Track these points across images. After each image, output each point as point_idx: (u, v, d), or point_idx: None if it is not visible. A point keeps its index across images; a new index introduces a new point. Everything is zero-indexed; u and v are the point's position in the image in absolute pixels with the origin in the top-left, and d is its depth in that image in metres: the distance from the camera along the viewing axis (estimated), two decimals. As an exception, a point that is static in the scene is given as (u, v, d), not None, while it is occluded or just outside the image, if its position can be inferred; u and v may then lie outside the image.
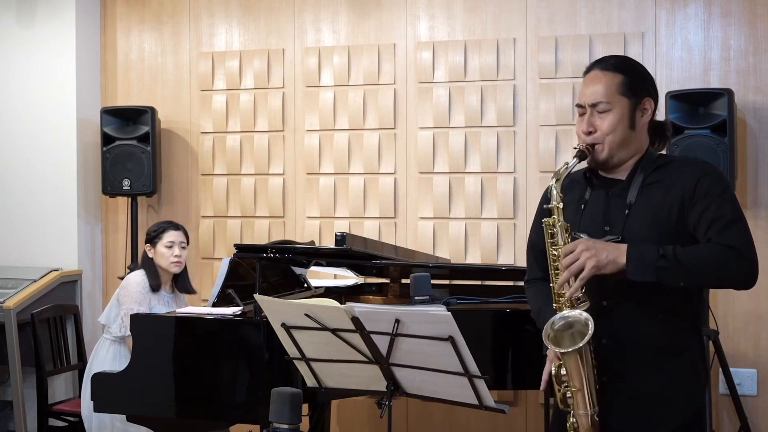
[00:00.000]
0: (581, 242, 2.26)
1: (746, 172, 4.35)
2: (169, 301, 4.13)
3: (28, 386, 4.78)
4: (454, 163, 4.75)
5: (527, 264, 2.65)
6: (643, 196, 2.35)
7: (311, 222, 5.00)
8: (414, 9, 4.87)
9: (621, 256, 2.22)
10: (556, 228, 2.34)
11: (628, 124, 2.35)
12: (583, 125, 2.37)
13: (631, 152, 2.39)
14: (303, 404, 2.37)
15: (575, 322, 2.26)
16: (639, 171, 2.38)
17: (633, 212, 2.33)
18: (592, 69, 2.41)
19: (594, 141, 2.36)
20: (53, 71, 5.21)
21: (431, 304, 3.27)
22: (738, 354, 4.37)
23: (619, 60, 2.44)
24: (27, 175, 5.25)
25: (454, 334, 2.26)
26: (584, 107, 2.38)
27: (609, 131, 2.34)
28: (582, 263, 2.22)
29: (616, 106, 2.34)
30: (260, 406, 3.24)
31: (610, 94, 2.35)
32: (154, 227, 4.17)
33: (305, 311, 2.40)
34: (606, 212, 2.37)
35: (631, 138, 2.37)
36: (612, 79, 2.36)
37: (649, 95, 2.40)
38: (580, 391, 2.28)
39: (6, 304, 4.70)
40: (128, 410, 3.50)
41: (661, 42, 4.51)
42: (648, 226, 2.31)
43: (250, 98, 5.11)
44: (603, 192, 2.40)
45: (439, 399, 2.46)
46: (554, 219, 2.34)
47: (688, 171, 2.34)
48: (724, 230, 2.24)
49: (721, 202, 2.28)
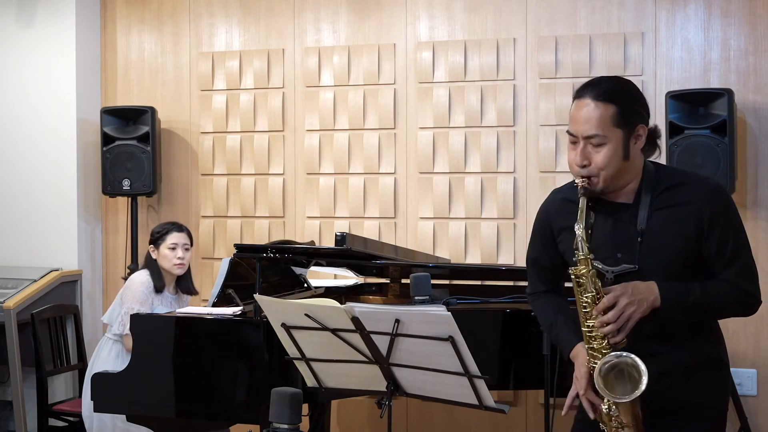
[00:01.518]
0: (621, 294, 2.26)
1: (746, 172, 4.35)
2: (172, 302, 4.13)
3: (28, 386, 4.78)
4: (454, 163, 4.75)
5: (529, 278, 2.65)
6: (654, 221, 2.33)
7: (311, 222, 5.00)
8: (414, 9, 4.87)
9: (657, 300, 2.27)
10: (584, 278, 2.31)
11: (622, 156, 2.32)
12: (578, 158, 2.34)
13: (628, 179, 2.37)
14: (303, 404, 2.38)
15: (620, 363, 2.26)
16: (644, 193, 2.36)
17: (646, 240, 2.32)
18: (584, 95, 2.34)
19: (589, 174, 2.32)
20: (53, 71, 5.21)
21: (431, 304, 3.27)
22: (738, 354, 4.37)
23: (612, 86, 2.36)
24: (27, 175, 5.25)
25: (454, 334, 2.27)
26: (577, 137, 2.34)
27: (604, 165, 2.31)
28: (627, 316, 2.26)
29: (610, 139, 2.30)
30: (260, 406, 3.24)
31: (604, 126, 2.29)
32: (158, 228, 4.16)
33: (305, 311, 2.40)
34: (616, 238, 2.35)
35: (626, 167, 2.34)
36: (605, 110, 2.29)
37: (642, 120, 2.35)
38: (630, 427, 2.29)
39: (6, 304, 4.70)
40: (128, 410, 3.50)
41: (661, 42, 4.51)
42: (663, 255, 2.31)
43: (250, 98, 5.11)
44: (610, 218, 2.38)
45: (439, 399, 2.46)
46: (585, 270, 2.30)
47: (701, 197, 2.32)
48: (742, 274, 2.33)
49: (736, 240, 2.33)
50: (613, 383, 2.26)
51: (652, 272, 2.30)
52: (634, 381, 2.22)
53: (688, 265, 2.32)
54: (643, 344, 2.29)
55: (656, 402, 2.31)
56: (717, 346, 2.41)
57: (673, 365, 2.32)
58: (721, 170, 4.06)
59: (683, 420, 2.34)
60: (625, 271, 2.32)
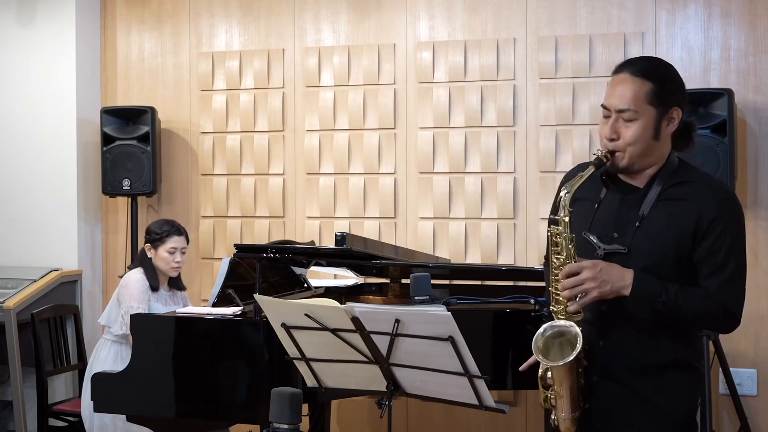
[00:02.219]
0: (587, 267, 2.26)
1: (746, 172, 4.35)
2: (168, 299, 4.14)
3: (28, 386, 4.78)
4: (454, 163, 4.75)
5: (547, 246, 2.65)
6: (656, 210, 2.33)
7: (311, 222, 5.00)
8: (414, 9, 4.87)
9: (625, 288, 2.26)
10: (560, 238, 2.33)
11: (652, 135, 2.30)
12: (607, 130, 2.32)
13: (652, 161, 2.35)
14: (303, 404, 2.37)
15: (566, 332, 2.29)
16: (657, 182, 2.35)
17: (643, 226, 2.33)
18: (622, 70, 2.33)
19: (615, 148, 2.31)
20: (53, 71, 5.21)
21: (431, 304, 3.27)
22: (738, 354, 4.37)
23: (651, 65, 2.36)
24: (27, 175, 5.25)
25: (454, 334, 2.26)
26: (609, 110, 2.32)
27: (632, 141, 2.29)
28: (585, 289, 2.26)
29: (642, 115, 2.28)
30: (260, 406, 3.24)
31: (637, 102, 2.28)
32: (157, 228, 4.14)
33: (305, 311, 2.40)
34: (617, 218, 2.36)
35: (654, 147, 2.33)
36: (641, 86, 2.28)
37: (678, 104, 2.32)
38: (563, 398, 2.32)
39: (6, 304, 4.70)
40: (128, 410, 3.50)
41: (661, 42, 4.51)
42: (656, 243, 2.31)
43: (250, 98, 5.11)
44: (618, 196, 2.38)
45: (439, 399, 2.46)
46: (561, 230, 2.32)
47: (707, 198, 2.31)
48: (723, 287, 2.30)
49: (729, 250, 2.31)
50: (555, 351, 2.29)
51: (641, 257, 2.30)
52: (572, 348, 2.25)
53: (678, 263, 2.31)
54: (617, 334, 2.30)
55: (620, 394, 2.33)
56: (689, 350, 2.40)
57: (641, 360, 2.33)
58: (721, 170, 4.06)
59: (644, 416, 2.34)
60: (615, 251, 2.33)
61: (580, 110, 4.55)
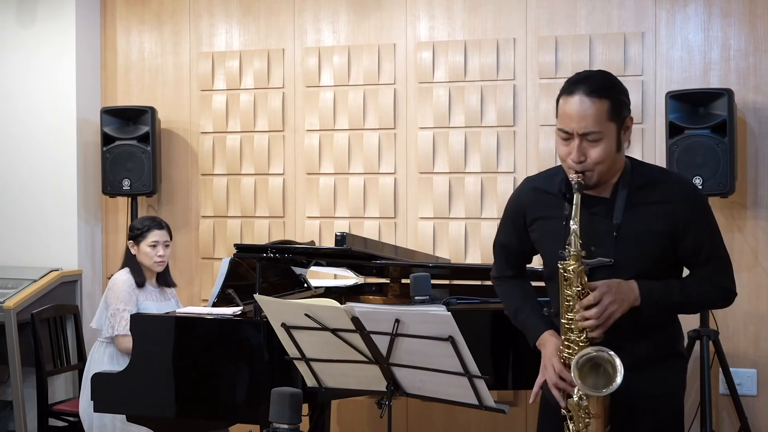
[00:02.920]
0: (606, 293, 2.30)
1: (746, 172, 4.35)
2: (157, 295, 4.13)
3: (28, 386, 4.78)
4: (454, 163, 4.75)
5: (495, 262, 2.71)
6: (629, 216, 2.37)
7: (311, 222, 5.00)
8: (414, 9, 4.87)
9: (636, 300, 2.34)
10: (573, 273, 2.32)
11: (615, 149, 2.35)
12: (574, 154, 2.32)
13: (614, 172, 2.40)
14: (303, 404, 2.37)
15: (596, 357, 2.31)
16: (621, 188, 2.40)
17: (621, 234, 2.37)
18: (575, 92, 2.32)
19: (584, 168, 2.33)
20: (53, 71, 5.21)
21: (431, 304, 3.27)
22: (738, 354, 4.37)
23: (602, 82, 2.36)
24: (27, 175, 5.25)
25: (454, 334, 2.26)
26: (570, 134, 2.33)
27: (600, 160, 2.32)
28: (610, 313, 2.31)
29: (606, 134, 2.31)
30: (260, 406, 3.24)
31: (600, 122, 2.30)
32: (138, 224, 4.15)
33: (305, 311, 2.40)
34: (591, 232, 2.37)
35: (617, 159, 2.38)
36: (600, 106, 2.30)
37: (629, 112, 2.39)
38: (600, 418, 2.33)
39: (6, 304, 4.70)
40: (128, 410, 3.50)
41: (661, 42, 4.51)
42: (639, 250, 2.36)
43: (250, 98, 5.11)
44: (585, 211, 2.36)
45: (439, 399, 2.46)
46: (575, 266, 2.32)
47: (679, 197, 2.38)
48: (720, 271, 2.43)
49: (711, 237, 2.41)
50: (586, 375, 2.30)
51: (627, 266, 2.35)
52: (608, 375, 2.27)
53: (662, 261, 2.39)
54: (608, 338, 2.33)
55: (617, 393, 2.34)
56: (676, 339, 2.51)
57: (635, 358, 2.35)
58: (721, 170, 4.06)
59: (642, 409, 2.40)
60: (601, 264, 2.35)
61: (580, 110, 4.54)
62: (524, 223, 2.55)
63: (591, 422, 2.32)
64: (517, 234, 2.59)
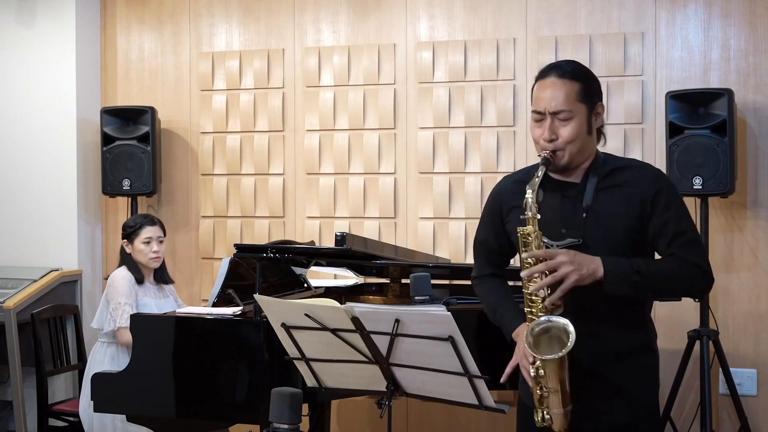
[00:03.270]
0: (561, 253, 2.32)
1: (746, 172, 4.35)
2: (156, 291, 4.13)
3: (28, 386, 4.78)
4: (454, 163, 4.75)
5: (475, 262, 2.73)
6: (599, 199, 2.42)
7: (311, 222, 5.00)
8: (414, 9, 4.87)
9: (599, 269, 2.31)
10: (531, 237, 2.38)
11: (586, 131, 2.43)
12: (546, 132, 2.42)
13: (585, 156, 2.47)
14: (303, 404, 2.37)
15: (552, 327, 2.32)
16: (592, 174, 2.46)
17: (590, 215, 2.41)
18: (548, 75, 2.45)
19: (555, 148, 2.41)
20: (53, 71, 5.21)
21: (431, 304, 3.27)
22: (738, 354, 4.37)
23: (574, 66, 2.48)
24: (27, 175, 5.25)
25: (454, 334, 2.26)
26: (543, 114, 2.44)
27: (571, 139, 2.41)
28: (564, 274, 2.29)
29: (576, 114, 2.41)
30: (260, 406, 3.24)
31: (570, 102, 2.41)
32: (131, 223, 4.15)
33: (305, 311, 2.40)
34: (562, 215, 2.43)
35: (588, 142, 2.45)
36: (571, 87, 2.41)
37: (600, 99, 2.48)
38: (558, 392, 2.35)
39: (6, 304, 4.70)
40: (128, 410, 3.50)
41: (661, 42, 4.51)
42: (607, 230, 2.40)
43: (250, 98, 5.11)
44: (557, 195, 2.46)
45: (439, 399, 2.46)
46: (531, 228, 2.38)
47: (645, 179, 2.43)
48: (688, 246, 2.39)
49: (681, 216, 2.41)
50: (544, 347, 2.32)
51: (596, 246, 2.38)
52: (563, 344, 2.28)
53: (632, 243, 2.40)
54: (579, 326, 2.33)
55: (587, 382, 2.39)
56: (648, 334, 2.51)
57: (605, 348, 2.39)
58: (721, 170, 4.06)
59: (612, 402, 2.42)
60: (570, 244, 2.39)
61: (580, 110, 4.55)
62: (501, 215, 2.60)
63: (549, 396, 2.35)
64: (495, 228, 2.63)
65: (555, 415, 2.36)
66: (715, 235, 4.36)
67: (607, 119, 4.52)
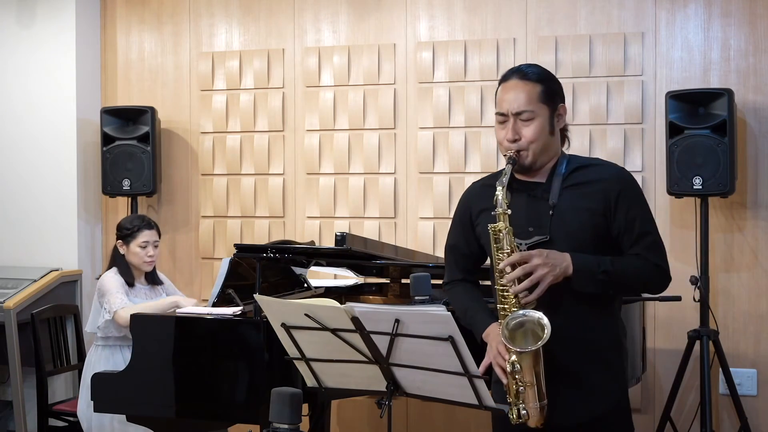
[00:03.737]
0: (536, 254, 2.38)
1: (746, 172, 4.35)
2: (147, 291, 4.11)
3: (28, 386, 4.78)
4: (454, 163, 4.75)
5: (446, 267, 2.77)
6: (564, 197, 2.48)
7: (311, 222, 5.00)
8: (414, 9, 4.87)
9: (569, 267, 2.39)
10: (502, 233, 2.43)
11: (548, 131, 2.51)
12: (509, 133, 2.51)
13: (549, 156, 2.54)
14: (303, 404, 2.37)
15: (527, 321, 2.38)
16: (557, 172, 2.53)
17: (556, 213, 2.47)
18: (510, 78, 2.55)
19: (519, 148, 2.49)
20: (53, 71, 5.21)
21: (431, 304, 3.27)
22: (738, 354, 4.37)
23: (536, 69, 2.57)
24: (27, 175, 5.25)
25: (454, 334, 2.26)
26: (506, 115, 2.52)
27: (534, 138, 2.49)
28: (540, 276, 2.36)
29: (538, 114, 2.49)
30: (260, 406, 3.24)
31: (532, 102, 2.49)
32: (128, 224, 4.10)
33: (305, 311, 2.40)
34: (529, 214, 2.50)
35: (551, 143, 2.53)
36: (533, 88, 2.50)
37: (562, 101, 2.57)
38: (533, 387, 2.38)
39: (6, 304, 4.70)
40: (128, 410, 3.50)
41: (661, 42, 4.51)
42: (573, 227, 2.46)
43: (250, 98, 5.11)
44: (524, 195, 2.53)
45: (439, 399, 2.46)
46: (502, 225, 2.43)
47: (609, 177, 2.50)
48: (652, 248, 2.48)
49: (645, 216, 2.50)
50: (520, 341, 2.37)
51: (562, 242, 2.43)
52: (537, 337, 2.33)
53: (597, 240, 2.46)
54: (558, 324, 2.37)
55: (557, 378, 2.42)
56: (616, 331, 2.55)
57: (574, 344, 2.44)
58: (721, 170, 4.06)
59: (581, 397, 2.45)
60: (537, 242, 2.45)
61: (580, 110, 4.55)
62: (470, 219, 2.65)
63: (525, 391, 2.38)
64: (465, 232, 2.67)
65: (531, 410, 2.39)
66: (715, 235, 4.36)
67: (607, 119, 4.53)
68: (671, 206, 4.45)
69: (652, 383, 4.49)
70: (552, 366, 2.41)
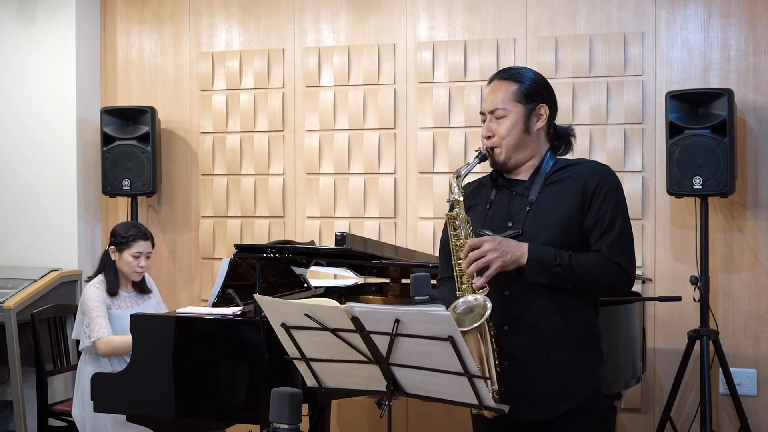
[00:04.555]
0: (487, 240, 2.44)
1: (746, 172, 4.35)
2: (133, 300, 4.04)
3: (28, 386, 4.78)
4: (454, 163, 4.75)
5: (440, 263, 2.82)
6: (544, 194, 2.54)
7: (311, 222, 5.00)
8: (414, 9, 4.87)
9: (523, 257, 2.44)
10: (458, 221, 2.51)
11: (522, 128, 2.56)
12: (484, 131, 2.59)
13: (528, 155, 2.59)
14: (303, 404, 2.37)
15: (476, 306, 2.43)
16: (540, 171, 2.58)
17: (533, 209, 2.53)
18: (493, 79, 2.62)
19: (492, 144, 2.57)
20: (53, 71, 5.21)
21: (431, 304, 3.26)
22: (738, 354, 4.37)
23: (518, 70, 2.63)
24: (27, 175, 5.25)
25: (454, 334, 2.26)
26: (485, 114, 2.60)
27: (505, 135, 2.55)
28: (488, 261, 2.42)
29: (511, 112, 2.55)
30: (260, 406, 3.24)
31: (505, 101, 2.56)
32: (123, 232, 4.03)
33: (305, 311, 2.40)
34: (509, 210, 2.57)
35: (527, 141, 2.57)
36: (508, 87, 2.57)
37: (544, 102, 2.59)
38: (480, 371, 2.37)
39: (6, 304, 4.70)
40: (128, 410, 3.50)
41: (661, 42, 4.51)
42: (547, 221, 2.50)
43: (250, 98, 5.11)
44: (507, 192, 2.60)
45: (439, 399, 2.46)
46: (456, 212, 2.52)
47: (588, 173, 2.54)
48: (613, 246, 2.48)
49: (614, 213, 2.50)
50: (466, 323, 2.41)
51: (535, 237, 2.48)
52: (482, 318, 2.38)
53: (570, 236, 2.50)
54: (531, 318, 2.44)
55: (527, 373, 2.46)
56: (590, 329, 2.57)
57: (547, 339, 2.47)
58: (721, 170, 4.06)
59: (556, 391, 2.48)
60: (510, 235, 2.50)
61: (580, 110, 4.55)
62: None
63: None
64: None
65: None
66: (715, 235, 4.37)
67: (607, 119, 4.53)
68: (671, 206, 4.45)
69: (652, 383, 4.49)
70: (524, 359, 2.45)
